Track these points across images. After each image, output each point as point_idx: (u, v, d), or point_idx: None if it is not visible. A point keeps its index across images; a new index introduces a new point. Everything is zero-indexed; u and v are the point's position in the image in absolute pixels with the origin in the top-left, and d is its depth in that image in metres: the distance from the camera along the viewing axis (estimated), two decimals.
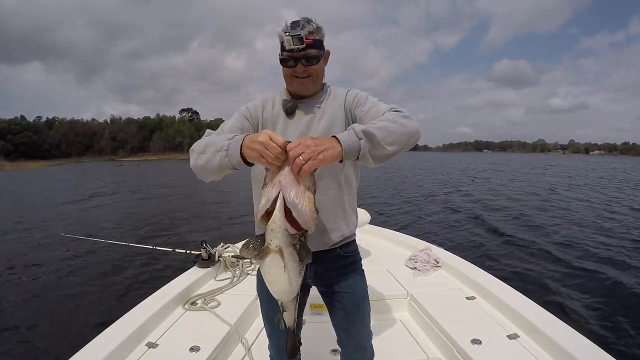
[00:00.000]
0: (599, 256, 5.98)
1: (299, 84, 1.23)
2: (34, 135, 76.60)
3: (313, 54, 1.18)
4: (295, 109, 1.27)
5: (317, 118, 1.26)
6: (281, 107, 1.28)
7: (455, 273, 2.54)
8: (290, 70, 1.21)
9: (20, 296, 4.66)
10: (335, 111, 1.26)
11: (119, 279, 5.11)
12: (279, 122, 1.28)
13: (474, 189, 17.03)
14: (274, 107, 1.30)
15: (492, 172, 30.17)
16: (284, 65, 1.22)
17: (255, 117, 1.28)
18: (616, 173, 30.91)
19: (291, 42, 1.13)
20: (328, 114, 1.26)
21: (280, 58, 1.21)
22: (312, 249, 1.24)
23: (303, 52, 1.16)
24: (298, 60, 1.18)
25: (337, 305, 1.36)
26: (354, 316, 1.36)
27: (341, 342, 1.43)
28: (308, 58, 1.18)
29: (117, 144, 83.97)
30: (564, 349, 1.56)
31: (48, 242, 7.32)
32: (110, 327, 1.80)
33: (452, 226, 8.47)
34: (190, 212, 10.78)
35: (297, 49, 1.15)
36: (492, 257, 5.91)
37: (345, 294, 1.34)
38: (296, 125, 1.26)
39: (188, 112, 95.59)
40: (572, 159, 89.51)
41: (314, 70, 1.22)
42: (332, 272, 1.32)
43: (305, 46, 1.15)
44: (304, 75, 1.21)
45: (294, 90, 1.28)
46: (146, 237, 7.57)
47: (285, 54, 1.18)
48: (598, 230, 8.01)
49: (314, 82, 1.25)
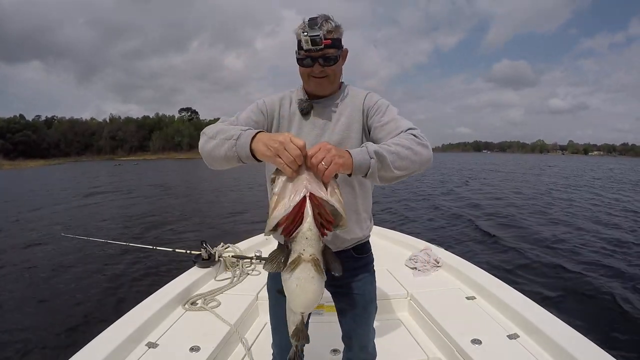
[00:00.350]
0: (599, 256, 5.99)
1: (316, 84, 1.20)
2: (32, 134, 76.43)
3: (331, 54, 1.15)
4: (311, 110, 1.24)
5: (333, 121, 1.24)
6: (297, 106, 1.25)
7: (455, 273, 2.54)
8: (307, 70, 1.18)
9: (20, 296, 4.66)
10: (352, 114, 1.23)
11: (119, 278, 5.10)
12: (294, 121, 1.25)
13: (474, 189, 17.04)
14: (291, 105, 1.27)
15: (492, 172, 30.16)
16: (300, 64, 1.19)
17: (271, 112, 1.25)
18: (614, 174, 30.91)
19: (309, 43, 1.10)
20: (345, 117, 1.23)
21: (297, 57, 1.18)
22: None
23: (321, 52, 1.13)
24: (315, 60, 1.15)
25: (346, 307, 1.37)
26: (361, 317, 1.36)
27: (346, 342, 1.43)
28: (326, 58, 1.15)
29: (116, 143, 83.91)
30: (564, 349, 1.56)
31: (48, 242, 7.32)
32: (110, 327, 1.79)
33: (452, 226, 8.47)
34: (191, 212, 10.78)
35: (315, 49, 1.11)
36: (492, 257, 5.91)
37: (356, 295, 1.34)
38: (312, 127, 1.24)
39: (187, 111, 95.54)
40: (571, 160, 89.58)
41: (331, 71, 1.18)
42: (344, 273, 1.31)
43: (323, 47, 1.11)
44: (321, 76, 1.18)
45: (310, 90, 1.25)
46: (146, 237, 7.56)
47: (302, 53, 1.15)
48: (598, 230, 8.01)
49: (332, 83, 1.22)
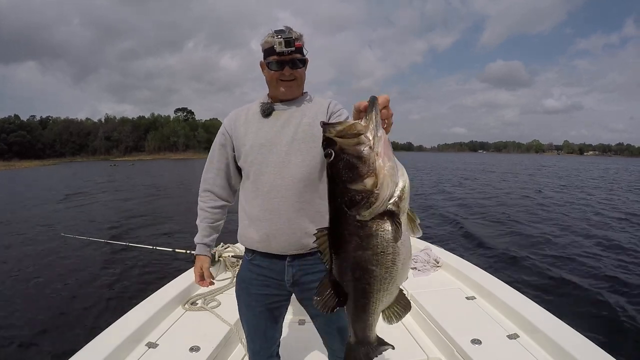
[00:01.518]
0: (599, 256, 5.99)
1: (286, 87, 1.29)
2: (27, 135, 75.57)
3: (299, 58, 1.27)
4: (272, 111, 1.32)
5: (295, 120, 1.30)
6: (258, 109, 1.34)
7: (455, 273, 2.54)
8: (276, 74, 1.28)
9: (20, 296, 4.65)
10: (316, 116, 1.30)
11: (119, 279, 5.10)
12: (253, 122, 1.33)
13: (474, 188, 17.04)
14: (248, 114, 1.36)
15: (492, 172, 30.17)
16: (271, 68, 1.28)
17: (231, 128, 1.37)
18: (608, 174, 30.92)
19: (282, 45, 1.21)
20: (308, 117, 1.30)
21: (267, 62, 1.28)
22: (291, 252, 1.28)
23: (290, 56, 1.24)
24: (285, 64, 1.25)
25: (316, 312, 1.35)
26: (333, 321, 1.35)
27: (327, 345, 1.44)
28: (295, 62, 1.26)
29: (111, 144, 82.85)
30: (564, 349, 1.56)
31: (48, 242, 7.32)
32: (110, 327, 1.80)
33: (451, 226, 8.48)
34: (190, 212, 10.76)
35: (287, 51, 1.22)
36: (492, 257, 5.91)
37: None
38: (272, 125, 1.31)
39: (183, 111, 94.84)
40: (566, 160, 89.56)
41: (299, 74, 1.30)
42: (311, 277, 1.31)
43: (294, 49, 1.23)
44: (291, 79, 1.28)
45: (277, 95, 1.33)
46: (146, 237, 7.56)
47: (273, 57, 1.25)
48: (598, 231, 8.01)
49: (299, 86, 1.33)
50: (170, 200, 13.77)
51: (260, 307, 1.35)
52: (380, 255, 0.84)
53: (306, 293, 1.34)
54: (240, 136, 1.33)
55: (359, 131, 0.78)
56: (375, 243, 0.83)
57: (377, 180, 0.77)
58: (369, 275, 0.87)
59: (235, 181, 1.44)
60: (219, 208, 1.45)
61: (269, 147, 1.27)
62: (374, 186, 0.78)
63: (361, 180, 0.78)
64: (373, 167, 0.78)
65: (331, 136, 0.80)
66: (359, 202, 0.79)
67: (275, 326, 1.41)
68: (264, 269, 1.33)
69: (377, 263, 0.85)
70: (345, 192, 0.81)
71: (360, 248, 0.84)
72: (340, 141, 0.79)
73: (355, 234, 0.83)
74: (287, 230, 1.25)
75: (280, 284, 1.33)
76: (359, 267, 0.87)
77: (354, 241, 0.84)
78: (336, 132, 0.80)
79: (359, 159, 0.78)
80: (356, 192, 0.79)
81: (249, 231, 1.32)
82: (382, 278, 0.87)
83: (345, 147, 0.79)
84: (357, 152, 0.78)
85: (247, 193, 1.33)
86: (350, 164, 0.79)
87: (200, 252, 1.44)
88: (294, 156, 1.25)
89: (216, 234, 1.48)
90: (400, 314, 0.97)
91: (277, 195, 1.25)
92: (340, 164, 0.80)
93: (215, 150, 1.41)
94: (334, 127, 0.80)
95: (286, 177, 1.25)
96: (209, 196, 1.44)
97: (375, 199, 0.78)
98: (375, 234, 0.82)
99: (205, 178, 1.44)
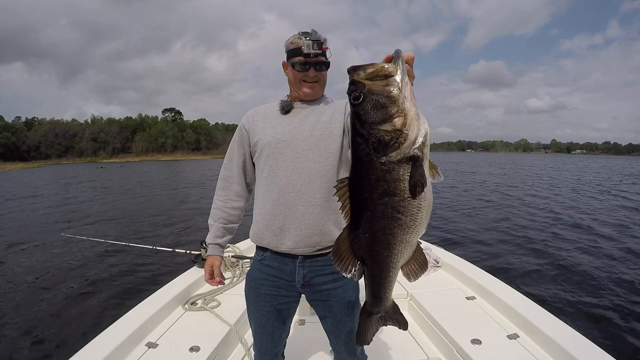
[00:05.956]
0: (599, 256, 5.98)
1: (309, 87, 1.30)
2: (12, 137, 73.05)
3: (324, 61, 1.29)
4: (291, 108, 1.33)
5: (313, 118, 1.30)
6: (277, 107, 1.34)
7: (455, 273, 2.54)
8: (300, 75, 1.28)
9: (19, 296, 4.65)
10: (334, 115, 1.30)
11: (119, 279, 5.10)
12: (269, 120, 1.33)
13: (474, 188, 17.03)
14: (266, 111, 1.37)
15: (490, 172, 30.17)
16: (295, 69, 1.28)
17: (247, 126, 1.37)
18: (604, 172, 30.92)
19: (311, 46, 1.22)
20: (326, 116, 1.30)
21: (291, 63, 1.28)
22: (303, 249, 1.26)
23: (316, 58, 1.25)
24: (310, 65, 1.27)
25: (326, 314, 1.36)
26: (343, 323, 1.35)
27: (333, 347, 1.44)
28: (320, 64, 1.28)
29: (98, 145, 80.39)
30: (564, 349, 1.56)
31: (48, 242, 7.32)
32: (110, 327, 1.80)
33: (451, 226, 8.47)
34: (190, 212, 10.78)
35: (314, 54, 1.24)
36: (492, 257, 5.91)
37: (335, 302, 1.32)
38: (290, 120, 1.31)
39: (171, 112, 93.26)
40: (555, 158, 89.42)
41: (322, 76, 1.31)
42: (322, 278, 1.30)
43: (321, 52, 1.25)
44: (314, 80, 1.30)
45: (299, 96, 1.33)
46: (146, 237, 7.56)
47: (298, 58, 1.26)
48: (598, 230, 8.01)
49: (321, 87, 1.34)
50: (169, 200, 13.77)
51: (268, 308, 1.34)
52: (407, 200, 0.83)
53: (317, 295, 1.33)
54: (257, 131, 1.33)
55: (389, 72, 0.79)
56: (402, 187, 0.82)
57: (406, 121, 0.78)
58: (394, 223, 0.86)
59: (251, 179, 1.42)
60: (236, 209, 1.43)
61: (286, 142, 1.27)
62: (403, 125, 0.78)
63: (390, 120, 0.79)
64: (402, 108, 0.78)
65: (359, 79, 0.81)
66: (387, 143, 0.79)
67: (283, 327, 1.40)
68: (274, 269, 1.32)
69: (404, 210, 0.84)
70: (373, 133, 0.81)
71: (387, 194, 0.83)
72: (370, 83, 0.80)
73: (382, 178, 0.82)
74: (301, 225, 1.24)
75: (291, 285, 1.32)
76: (384, 215, 0.85)
77: (381, 187, 0.83)
78: (366, 75, 0.81)
79: (389, 99, 0.78)
80: (385, 132, 0.79)
81: (262, 226, 1.29)
82: (407, 227, 0.87)
83: (375, 89, 0.80)
84: (387, 92, 0.79)
85: (262, 188, 1.31)
86: (380, 104, 0.79)
87: (213, 253, 1.42)
88: (311, 152, 1.25)
89: (230, 236, 1.45)
90: (417, 273, 1.00)
91: (293, 190, 1.24)
92: (369, 106, 0.80)
93: (234, 147, 1.40)
94: (365, 70, 0.81)
95: (303, 172, 1.24)
96: (227, 195, 1.42)
97: (404, 139, 0.78)
98: (403, 178, 0.81)
99: (225, 176, 1.43)
